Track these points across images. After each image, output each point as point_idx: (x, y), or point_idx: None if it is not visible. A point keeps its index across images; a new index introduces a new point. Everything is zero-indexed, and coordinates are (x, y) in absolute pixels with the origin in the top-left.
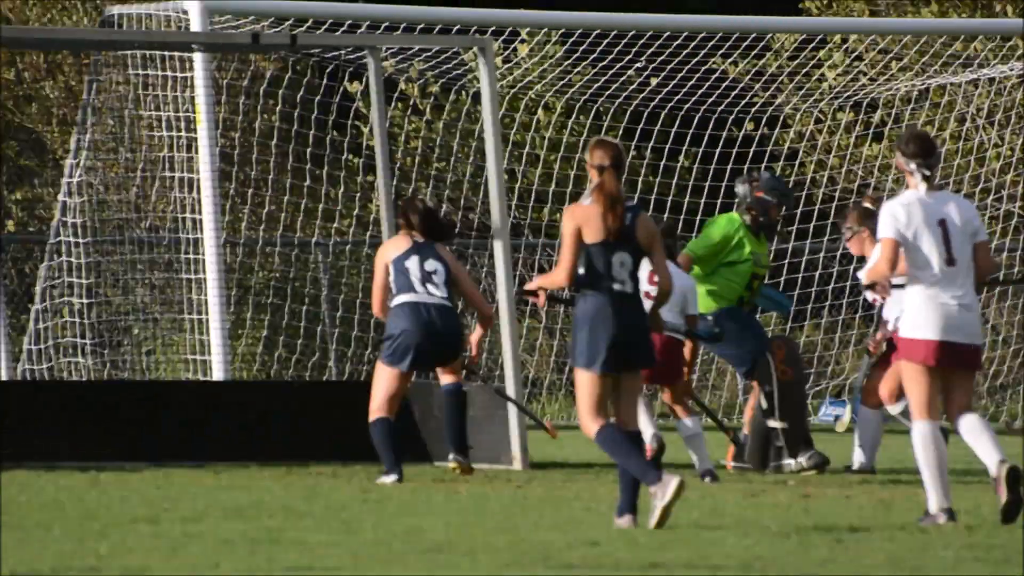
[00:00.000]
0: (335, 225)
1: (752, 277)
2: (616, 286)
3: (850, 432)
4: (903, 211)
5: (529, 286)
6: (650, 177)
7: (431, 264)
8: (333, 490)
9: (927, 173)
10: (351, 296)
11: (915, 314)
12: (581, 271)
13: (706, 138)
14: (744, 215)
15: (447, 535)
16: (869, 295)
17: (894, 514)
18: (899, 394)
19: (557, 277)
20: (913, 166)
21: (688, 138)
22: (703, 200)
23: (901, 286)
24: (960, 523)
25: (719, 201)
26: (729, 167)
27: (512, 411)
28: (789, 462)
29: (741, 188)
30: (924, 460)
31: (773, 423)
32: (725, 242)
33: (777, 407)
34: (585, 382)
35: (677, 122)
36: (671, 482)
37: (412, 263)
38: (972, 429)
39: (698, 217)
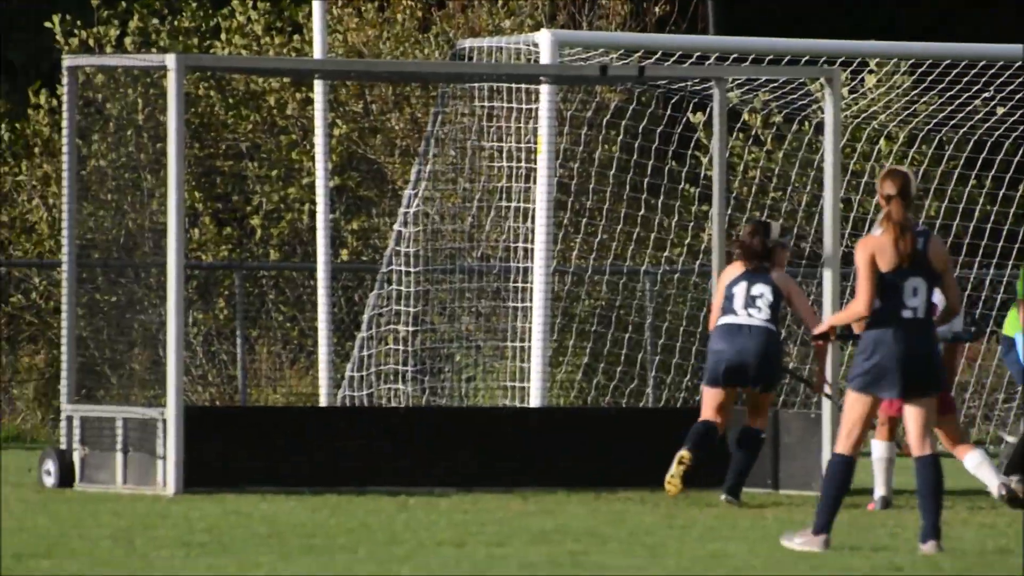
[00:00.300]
0: (665, 254)
1: None
2: (906, 313)
3: None
4: None
5: (819, 329)
6: (988, 207)
7: (757, 288)
8: (639, 515)
9: None
10: (675, 324)
11: None
12: (877, 302)
13: None
14: None
15: (749, 560)
16: None
17: None
18: None
19: (856, 308)
20: None
21: None
22: None
23: None
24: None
25: None
26: None
27: (826, 437)
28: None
29: None
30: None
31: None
32: None
33: None
34: (851, 403)
35: (1021, 152)
36: (814, 542)
37: (739, 288)
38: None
39: None
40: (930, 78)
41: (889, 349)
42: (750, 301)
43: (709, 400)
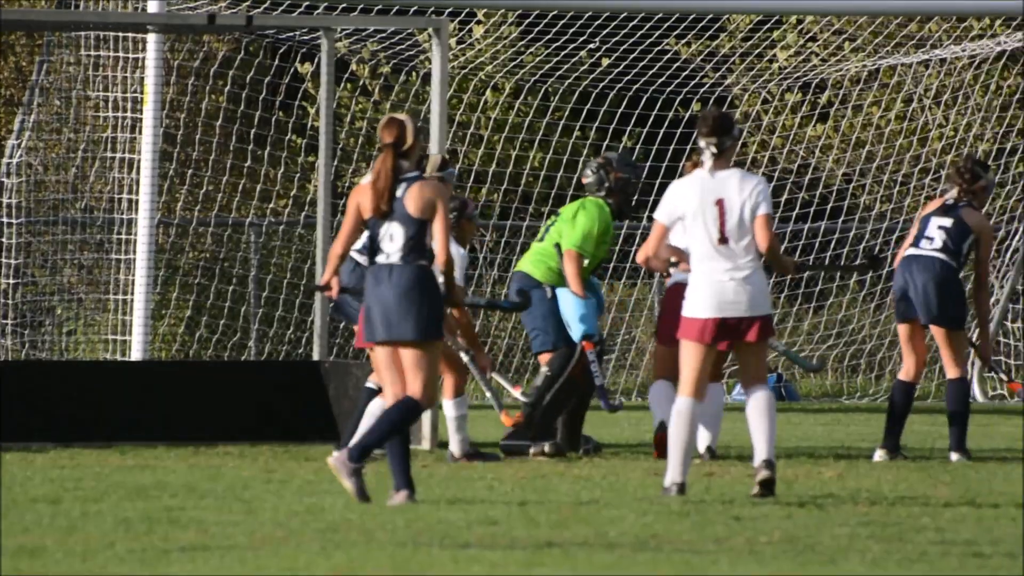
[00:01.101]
0: (271, 205)
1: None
2: (380, 257)
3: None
4: (680, 192)
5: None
6: (591, 158)
7: None
8: (238, 469)
9: (715, 151)
10: (279, 276)
11: (691, 293)
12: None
13: (652, 119)
14: (608, 200)
15: (346, 514)
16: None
17: (794, 492)
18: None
19: (333, 248)
20: (703, 143)
21: (634, 119)
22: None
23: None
24: (860, 500)
25: (658, 181)
26: (672, 147)
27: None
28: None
29: (596, 175)
30: (674, 435)
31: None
32: (605, 233)
33: (552, 395)
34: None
35: (624, 103)
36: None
37: None
38: (756, 409)
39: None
40: (537, 29)
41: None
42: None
43: None
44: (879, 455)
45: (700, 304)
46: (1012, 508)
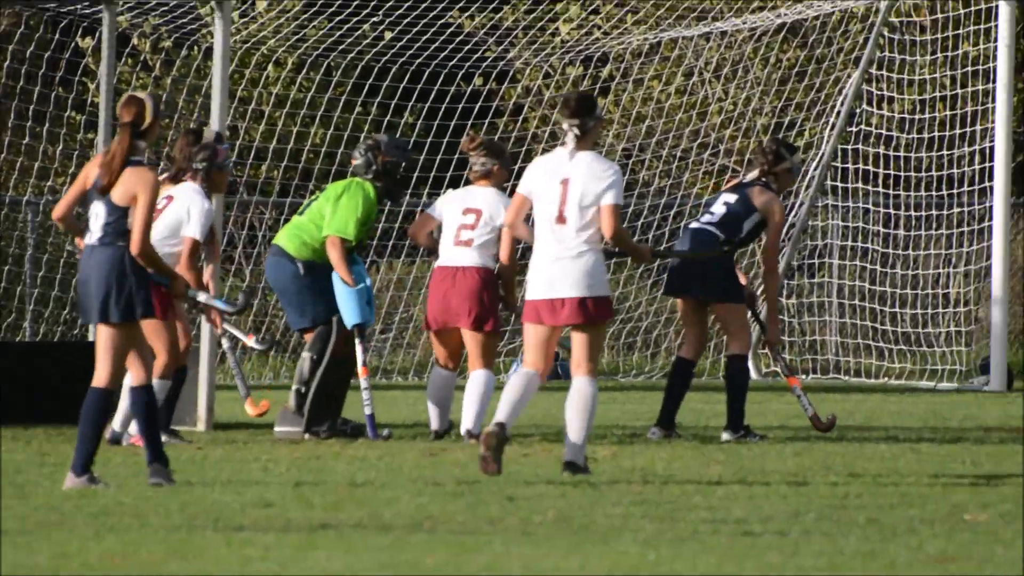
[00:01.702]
0: (48, 183)
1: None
2: (88, 237)
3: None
4: (537, 167)
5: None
6: (373, 133)
7: None
8: (11, 452)
9: (577, 133)
10: (55, 256)
11: (528, 274)
12: None
13: (434, 93)
14: (375, 183)
15: (119, 498)
16: None
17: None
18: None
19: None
20: (566, 125)
21: (416, 93)
22: (423, 156)
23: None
24: (634, 480)
25: (438, 158)
26: (453, 123)
27: (204, 371)
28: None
29: (364, 157)
30: (507, 389)
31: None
32: (368, 216)
33: (320, 378)
34: None
35: (406, 77)
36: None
37: None
38: (571, 397)
39: (415, 174)
40: (320, 2)
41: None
42: None
43: None
44: (653, 433)
45: (530, 285)
46: (783, 487)
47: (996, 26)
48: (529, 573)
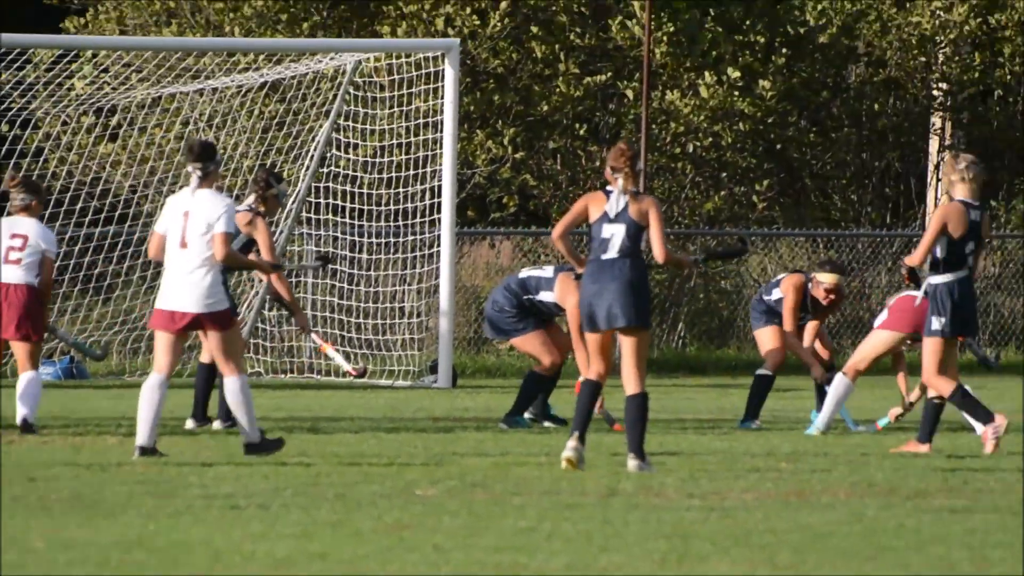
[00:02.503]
0: None
1: None
2: None
3: None
4: (169, 204)
5: None
6: None
7: None
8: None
9: (200, 175)
10: None
11: (160, 287)
12: None
13: None
14: None
15: None
16: None
17: (82, 456)
18: None
19: None
20: (191, 169)
21: None
22: None
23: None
24: (138, 463)
25: None
26: None
27: None
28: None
29: None
30: (141, 404)
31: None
32: None
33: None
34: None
35: None
36: None
37: None
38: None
39: None
40: None
41: None
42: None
43: None
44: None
45: (161, 296)
46: (265, 467)
47: (443, 86)
48: (49, 544)
